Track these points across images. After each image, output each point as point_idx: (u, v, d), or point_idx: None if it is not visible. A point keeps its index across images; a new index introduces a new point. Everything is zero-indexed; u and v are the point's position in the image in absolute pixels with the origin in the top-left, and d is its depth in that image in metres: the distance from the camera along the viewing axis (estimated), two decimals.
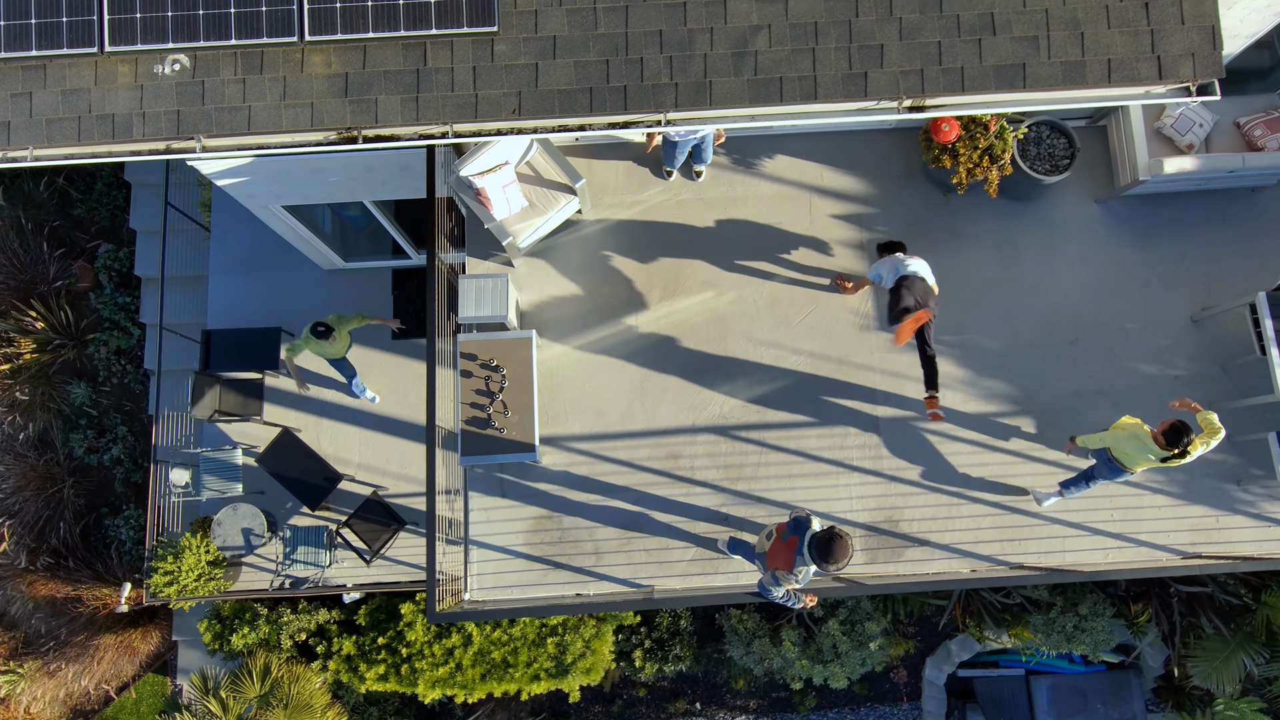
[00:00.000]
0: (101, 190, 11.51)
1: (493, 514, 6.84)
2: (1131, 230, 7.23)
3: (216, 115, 4.57)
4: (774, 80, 4.57)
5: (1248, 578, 10.12)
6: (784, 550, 5.46)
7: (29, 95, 4.56)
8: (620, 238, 7.25)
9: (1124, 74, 4.59)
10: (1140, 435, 5.65)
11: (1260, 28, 6.15)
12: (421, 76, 4.57)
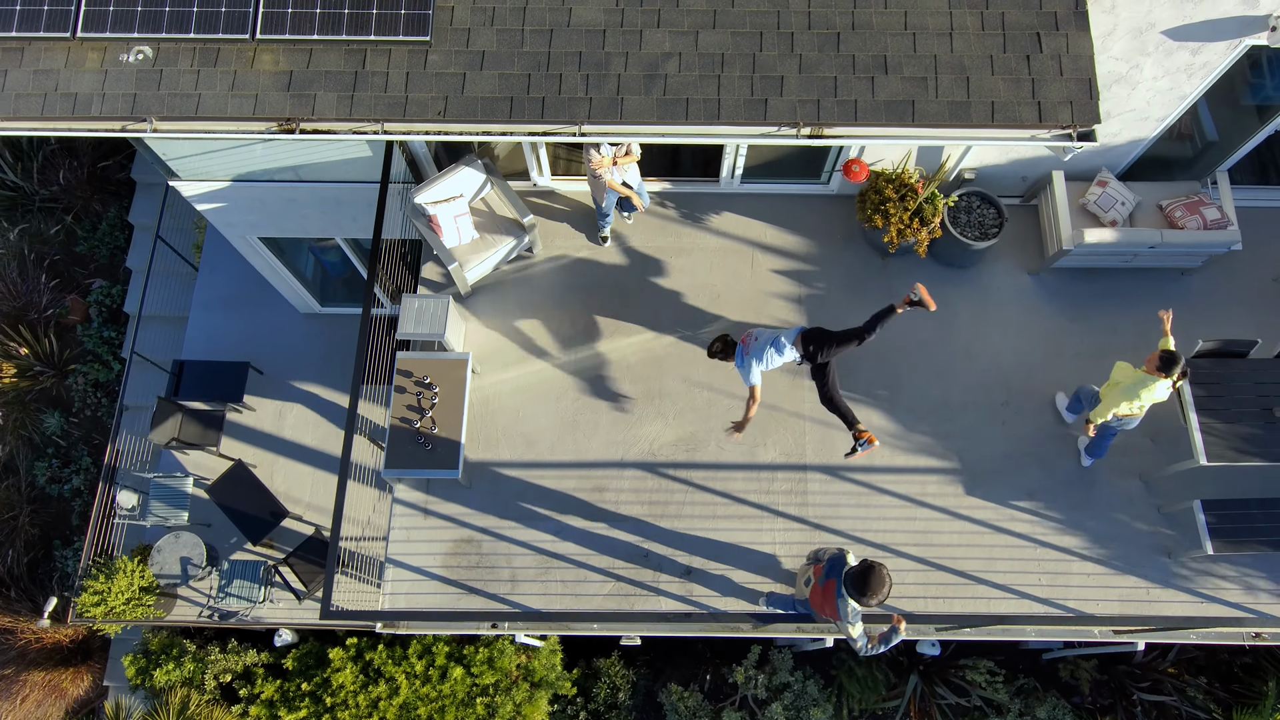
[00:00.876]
0: (105, 230, 12.09)
1: (414, 534, 6.82)
2: (1063, 302, 7.44)
3: (169, 100, 4.99)
4: (681, 101, 4.95)
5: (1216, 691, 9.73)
6: (825, 596, 5.41)
7: (4, 73, 5.03)
8: (568, 277, 7.54)
9: (1006, 116, 4.93)
10: (1140, 380, 5.82)
11: (1168, 111, 6.55)
12: (359, 78, 5.00)
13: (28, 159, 11.83)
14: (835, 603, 5.34)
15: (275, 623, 9.44)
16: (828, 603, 5.42)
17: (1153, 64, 6.04)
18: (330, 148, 7.03)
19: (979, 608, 6.58)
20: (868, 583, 5.13)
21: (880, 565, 5.15)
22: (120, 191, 12.20)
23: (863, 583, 5.13)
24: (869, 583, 5.13)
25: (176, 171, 7.51)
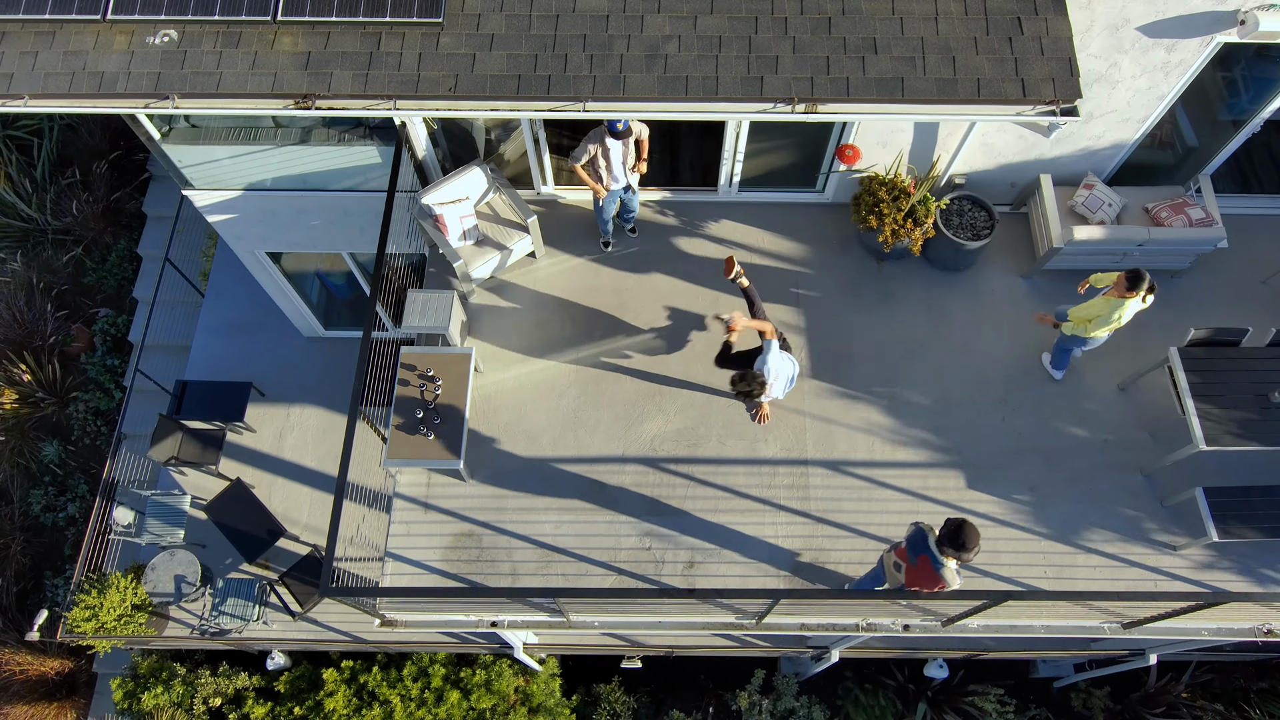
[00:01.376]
0: (114, 261, 12.30)
1: (414, 528, 6.77)
2: (1056, 303, 7.57)
3: (192, 78, 5.21)
4: (680, 79, 5.19)
5: (1231, 718, 9.49)
6: (923, 573, 5.35)
7: (35, 54, 5.26)
8: (569, 281, 7.69)
9: (992, 92, 5.16)
10: (1113, 305, 6.07)
11: (1148, 111, 6.82)
12: (374, 58, 5.24)
13: (42, 191, 12.12)
14: (938, 573, 5.27)
15: (271, 638, 9.26)
16: (929, 578, 5.33)
17: (1130, 62, 6.33)
18: (341, 152, 7.28)
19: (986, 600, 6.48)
20: (964, 537, 5.09)
21: (966, 519, 5.13)
22: (131, 224, 12.46)
23: (959, 538, 5.10)
24: (965, 536, 5.09)
25: (191, 180, 7.73)
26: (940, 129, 7.01)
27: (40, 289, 12.00)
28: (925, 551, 5.30)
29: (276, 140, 7.27)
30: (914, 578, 5.42)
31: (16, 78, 5.23)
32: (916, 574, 5.39)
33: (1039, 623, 6.60)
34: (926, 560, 5.29)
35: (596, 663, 10.45)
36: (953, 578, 5.26)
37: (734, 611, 6.51)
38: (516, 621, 6.75)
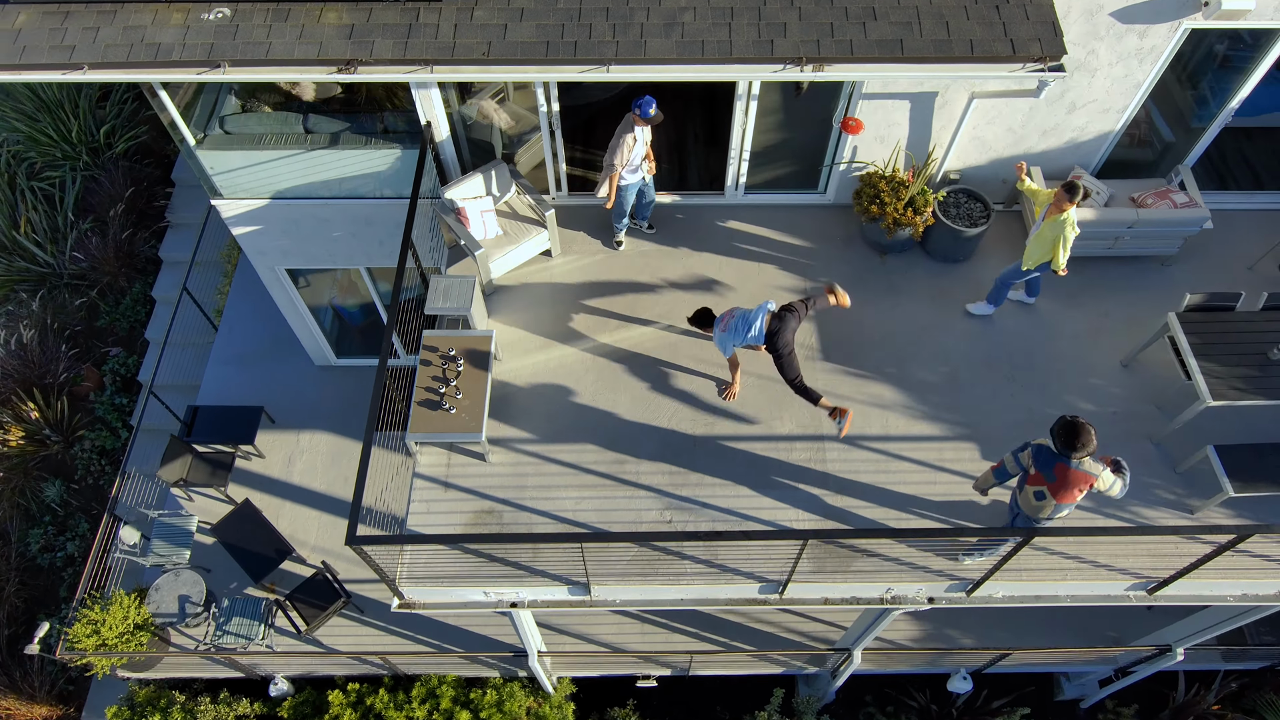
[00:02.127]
0: (128, 305, 12.53)
1: (434, 505, 6.76)
2: (1055, 291, 7.87)
3: (243, 48, 5.60)
4: (697, 43, 5.61)
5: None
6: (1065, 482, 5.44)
7: (96, 29, 5.66)
8: (585, 276, 7.95)
9: (984, 50, 5.60)
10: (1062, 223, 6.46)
11: (1127, 100, 7.31)
12: (413, 29, 5.66)
13: (62, 238, 12.47)
14: (1079, 474, 5.38)
15: (275, 662, 8.98)
16: (1075, 483, 5.42)
17: (1106, 49, 6.84)
18: (366, 156, 7.65)
19: (1009, 565, 6.47)
20: (1080, 434, 5.26)
21: (1067, 419, 5.32)
22: (146, 269, 12.76)
23: (1076, 436, 5.26)
24: (1080, 433, 5.26)
25: (220, 189, 8.07)
26: (934, 120, 7.48)
27: (54, 329, 12.17)
28: (1058, 460, 5.41)
29: (306, 144, 7.65)
30: (1062, 490, 5.49)
31: (78, 49, 5.60)
32: (1061, 485, 5.47)
33: (1064, 589, 6.56)
34: (1063, 467, 5.39)
35: (610, 688, 10.13)
36: (1094, 467, 5.39)
37: (757, 581, 6.45)
38: (537, 601, 6.65)
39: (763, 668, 9.21)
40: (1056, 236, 6.59)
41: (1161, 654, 8.49)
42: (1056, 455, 5.44)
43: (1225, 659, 9.26)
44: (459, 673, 9.16)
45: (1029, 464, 5.61)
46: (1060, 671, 10.27)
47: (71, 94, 12.81)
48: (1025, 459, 5.63)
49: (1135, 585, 6.58)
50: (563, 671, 9.24)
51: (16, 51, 5.60)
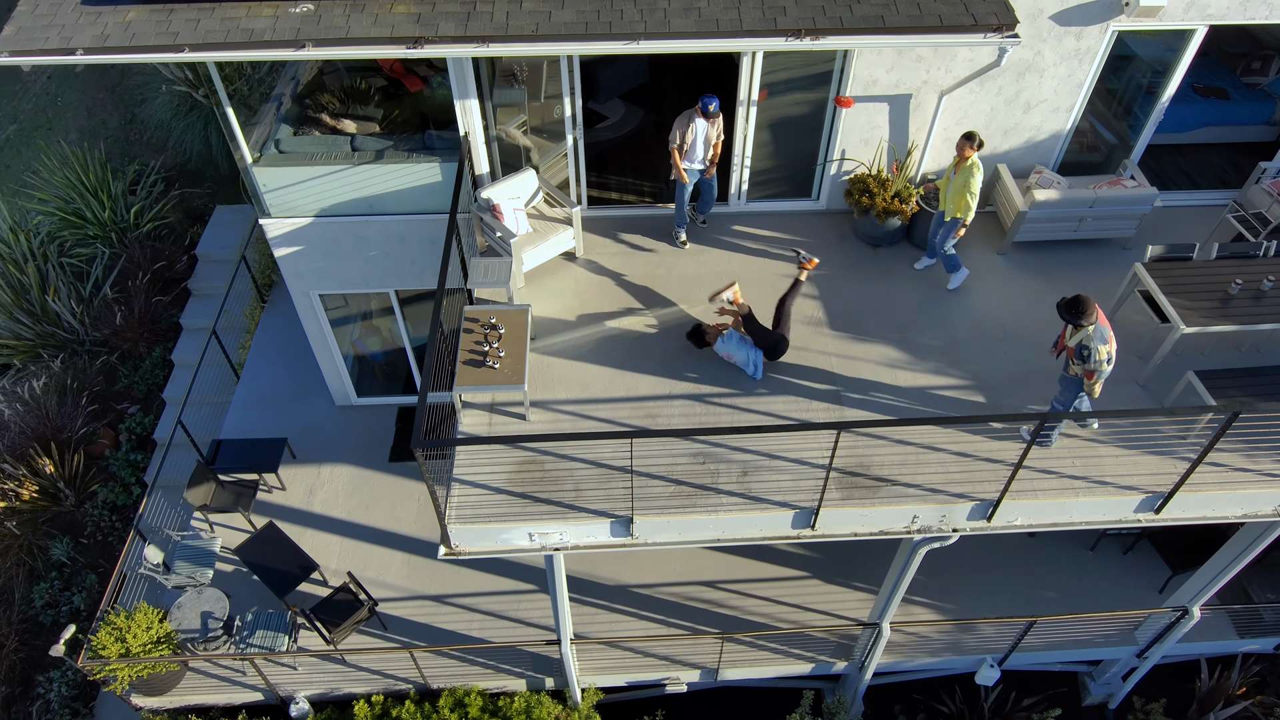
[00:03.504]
0: (148, 368, 12.92)
1: (478, 457, 7.09)
2: (1030, 270, 8.73)
3: (324, 30, 6.52)
4: (712, 21, 6.66)
5: None
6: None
7: (197, 20, 6.58)
8: (608, 271, 8.67)
9: (952, 22, 6.70)
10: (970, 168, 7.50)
11: (1073, 100, 8.50)
12: (471, 16, 6.65)
13: (88, 306, 13.01)
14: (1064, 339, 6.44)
15: (305, 658, 8.81)
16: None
17: (1050, 50, 8.07)
18: (407, 169, 8.50)
19: (1020, 486, 6.89)
20: (1081, 304, 6.21)
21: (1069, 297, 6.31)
22: (166, 335, 13.25)
23: (1076, 306, 6.22)
24: (1081, 304, 6.21)
25: (270, 207, 8.83)
26: (910, 122, 8.58)
27: (73, 389, 12.45)
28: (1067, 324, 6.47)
29: (353, 160, 8.51)
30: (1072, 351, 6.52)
31: (181, 34, 6.49)
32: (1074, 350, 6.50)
33: (1076, 508, 6.94)
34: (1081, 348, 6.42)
35: (634, 710, 9.94)
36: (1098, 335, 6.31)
37: (790, 509, 6.78)
38: (580, 543, 6.87)
39: (791, 665, 9.18)
40: (965, 182, 7.53)
41: (1180, 618, 8.69)
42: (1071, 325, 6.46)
43: (1240, 633, 9.43)
44: (485, 684, 9.02)
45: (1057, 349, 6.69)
46: (1084, 670, 10.28)
47: (106, 179, 13.77)
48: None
49: (1142, 504, 6.99)
50: (591, 677, 9.13)
51: (128, 37, 6.47)
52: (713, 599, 9.55)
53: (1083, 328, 6.29)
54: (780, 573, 9.74)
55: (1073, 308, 6.23)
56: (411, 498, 10.51)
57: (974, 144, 7.44)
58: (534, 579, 9.69)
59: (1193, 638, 9.40)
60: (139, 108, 16.08)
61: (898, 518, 6.93)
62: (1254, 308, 7.39)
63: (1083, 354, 6.36)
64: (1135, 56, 8.49)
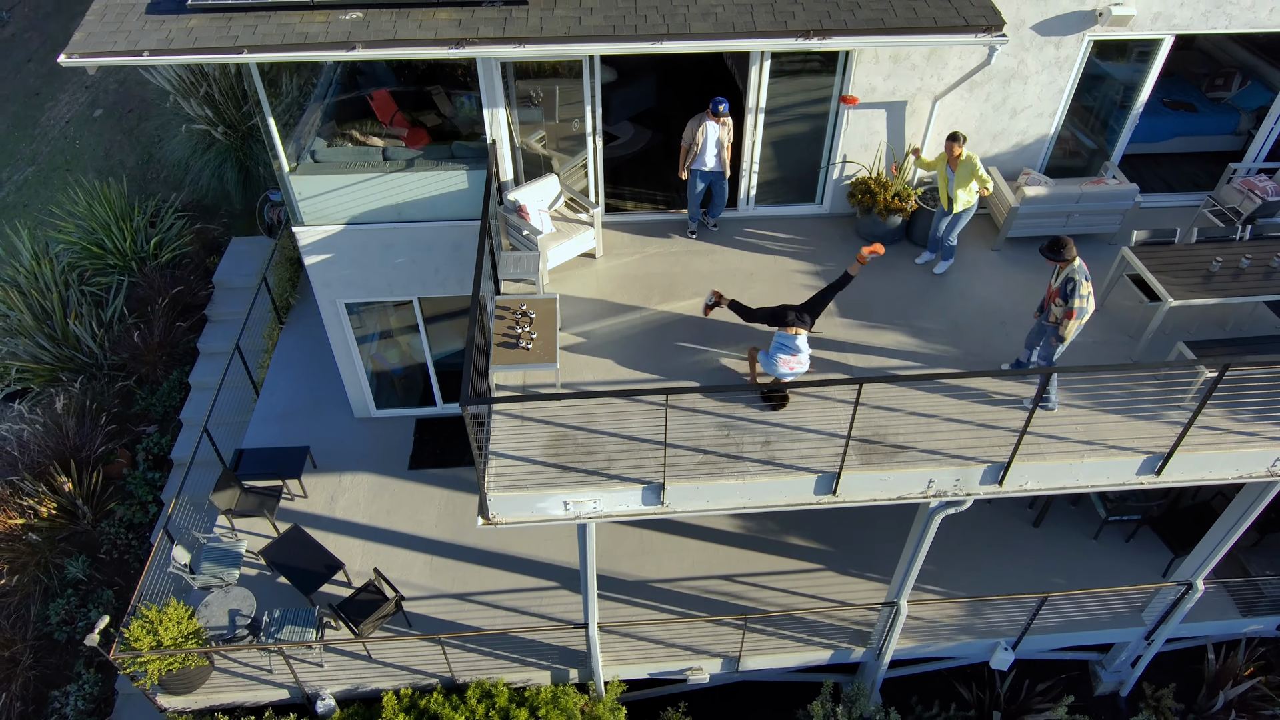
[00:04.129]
0: (165, 391, 13.17)
1: (513, 433, 7.40)
2: (1024, 264, 9.28)
3: (372, 33, 7.08)
4: (729, 24, 7.29)
5: None
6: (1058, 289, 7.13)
7: (255, 26, 7.12)
8: (626, 270, 9.15)
9: (945, 24, 7.37)
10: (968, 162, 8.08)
11: (1055, 105, 9.19)
12: (508, 22, 7.24)
13: (108, 332, 13.30)
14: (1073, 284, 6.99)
15: (334, 653, 8.90)
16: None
17: (1032, 58, 8.79)
18: (435, 177, 9.01)
19: (1028, 449, 7.28)
20: (1062, 241, 6.88)
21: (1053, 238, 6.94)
22: (184, 360, 13.53)
23: (1059, 243, 6.87)
24: (1062, 241, 6.88)
25: (304, 215, 9.29)
26: (906, 128, 9.22)
27: (92, 410, 12.65)
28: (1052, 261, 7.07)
29: (384, 169, 9.02)
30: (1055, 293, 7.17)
31: (240, 38, 7.02)
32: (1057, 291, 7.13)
33: (1083, 469, 7.32)
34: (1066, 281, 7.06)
35: (657, 699, 10.03)
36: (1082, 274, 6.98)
37: (812, 471, 7.11)
38: (613, 512, 7.16)
39: (811, 653, 9.36)
40: (972, 173, 8.11)
41: (1186, 592, 9.00)
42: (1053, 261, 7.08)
43: (1243, 612, 9.72)
44: (511, 677, 9.12)
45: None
46: (1094, 659, 10.49)
47: (128, 211, 14.22)
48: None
49: (1144, 466, 7.38)
50: (614, 668, 9.25)
51: (190, 40, 7.00)
52: (731, 591, 9.76)
53: (1068, 262, 6.89)
54: (795, 565, 9.98)
55: (1055, 245, 6.87)
56: (432, 503, 10.73)
57: (960, 141, 8.03)
58: (555, 576, 9.87)
59: (1197, 617, 9.67)
60: (156, 148, 16.67)
61: (915, 482, 7.28)
62: (1233, 283, 7.94)
63: (1066, 290, 6.87)
64: (1109, 76, 9.23)
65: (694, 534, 10.37)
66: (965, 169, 8.20)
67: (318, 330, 12.87)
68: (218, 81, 14.45)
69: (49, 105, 18.16)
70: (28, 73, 18.92)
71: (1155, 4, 8.53)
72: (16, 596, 11.39)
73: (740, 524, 10.47)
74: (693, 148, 8.82)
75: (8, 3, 20.21)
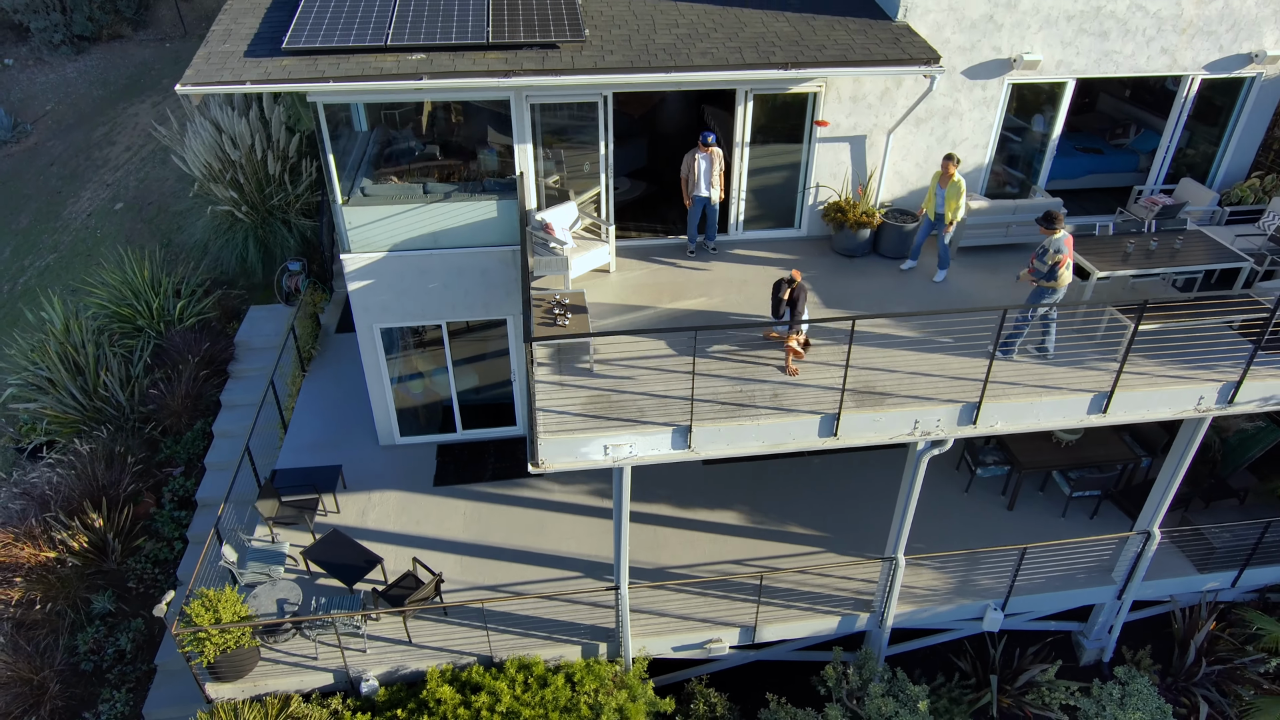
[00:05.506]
0: (189, 439, 13.89)
1: (554, 393, 8.49)
2: (977, 266, 10.89)
3: (435, 67, 8.67)
4: (723, 58, 9.06)
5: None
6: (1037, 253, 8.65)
7: (338, 63, 8.67)
8: (639, 280, 10.52)
9: (895, 59, 9.24)
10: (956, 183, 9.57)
11: (987, 138, 11.10)
12: (546, 57, 8.91)
13: (137, 384, 14.12)
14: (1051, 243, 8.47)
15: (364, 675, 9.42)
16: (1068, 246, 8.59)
17: (964, 98, 10.74)
18: (470, 206, 10.44)
19: (995, 393, 8.57)
20: (1053, 214, 8.40)
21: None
22: (207, 411, 14.31)
23: (1050, 215, 8.37)
24: (1053, 214, 8.40)
25: (351, 243, 10.60)
26: (867, 159, 11.01)
27: (120, 452, 13.27)
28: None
29: (425, 200, 10.45)
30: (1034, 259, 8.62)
31: (326, 71, 8.54)
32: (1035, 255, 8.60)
33: (1042, 408, 8.61)
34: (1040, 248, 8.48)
35: (682, 669, 10.59)
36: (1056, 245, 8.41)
37: (816, 414, 8.28)
38: (645, 456, 8.18)
39: (820, 621, 10.15)
40: (957, 194, 9.76)
41: (1147, 541, 10.12)
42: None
43: (1199, 568, 10.81)
44: (545, 653, 9.72)
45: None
46: (1076, 629, 11.37)
47: (159, 278, 15.35)
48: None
49: (1092, 404, 8.70)
50: (641, 640, 9.90)
51: (284, 73, 8.48)
52: (741, 573, 10.60)
53: (1055, 233, 8.38)
54: (798, 549, 10.90)
55: (1047, 217, 8.43)
56: (457, 513, 11.51)
57: (954, 162, 9.72)
58: (577, 568, 10.63)
59: (1159, 574, 10.75)
60: (176, 234, 17.97)
61: (903, 422, 8.48)
62: (1145, 261, 9.59)
63: (1040, 251, 8.34)
64: (1028, 124, 11.25)
65: (704, 528, 11.27)
66: (953, 189, 9.81)
67: (338, 377, 13.87)
68: (243, 167, 16.00)
69: (71, 201, 19.49)
70: (50, 175, 20.35)
71: (1058, 53, 10.62)
72: (45, 629, 11.64)
73: (746, 518, 11.42)
74: (689, 177, 10.42)
75: (31, 115, 21.87)
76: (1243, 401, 8.89)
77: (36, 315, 15.91)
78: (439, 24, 9.19)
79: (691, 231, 10.89)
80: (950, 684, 10.60)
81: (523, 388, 12.25)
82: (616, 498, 8.56)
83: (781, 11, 10.21)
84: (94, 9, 22.14)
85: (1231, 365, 8.94)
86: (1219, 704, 10.61)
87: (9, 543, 11.77)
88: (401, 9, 9.47)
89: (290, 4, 9.96)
